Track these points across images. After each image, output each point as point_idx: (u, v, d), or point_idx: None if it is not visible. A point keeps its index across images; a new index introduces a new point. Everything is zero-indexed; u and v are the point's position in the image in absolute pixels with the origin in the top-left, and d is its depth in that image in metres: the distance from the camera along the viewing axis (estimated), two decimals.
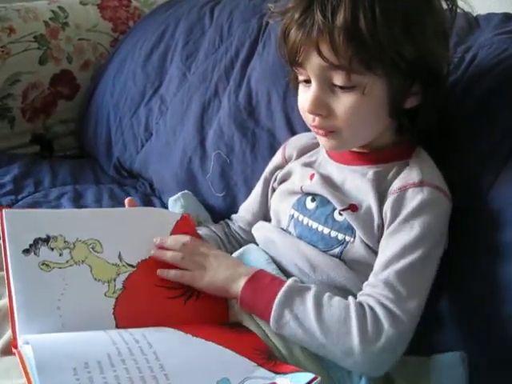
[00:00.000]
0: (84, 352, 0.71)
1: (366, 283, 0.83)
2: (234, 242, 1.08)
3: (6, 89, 1.64)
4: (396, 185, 0.87)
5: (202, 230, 1.07)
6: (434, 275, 0.83)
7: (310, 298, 0.80)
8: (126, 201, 1.05)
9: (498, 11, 1.11)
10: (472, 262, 0.86)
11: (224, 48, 1.42)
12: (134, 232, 0.92)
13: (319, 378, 0.69)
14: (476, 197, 0.88)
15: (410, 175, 0.87)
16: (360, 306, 0.79)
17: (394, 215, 0.85)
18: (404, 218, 0.83)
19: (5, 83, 1.64)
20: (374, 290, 0.81)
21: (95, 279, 0.84)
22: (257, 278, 0.84)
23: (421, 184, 0.85)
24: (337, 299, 0.81)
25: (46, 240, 0.85)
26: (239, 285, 0.84)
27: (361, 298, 0.82)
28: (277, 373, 0.73)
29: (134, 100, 1.56)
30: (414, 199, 0.84)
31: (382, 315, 0.78)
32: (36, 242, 0.84)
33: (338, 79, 0.83)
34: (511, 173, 0.87)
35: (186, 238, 0.93)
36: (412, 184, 0.86)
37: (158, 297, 0.86)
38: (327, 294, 0.81)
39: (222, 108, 1.32)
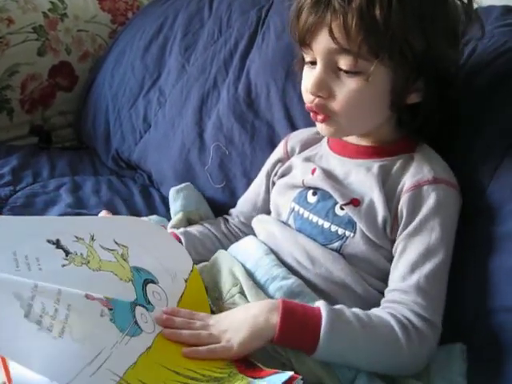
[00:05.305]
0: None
1: (394, 287, 0.83)
2: (233, 238, 1.07)
3: (4, 80, 1.64)
4: (408, 182, 0.87)
5: (194, 228, 1.06)
6: None
7: (354, 326, 0.77)
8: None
9: (498, 4, 1.11)
10: (472, 255, 0.86)
11: (223, 40, 1.42)
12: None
13: (300, 377, 0.69)
14: (476, 190, 0.88)
15: (421, 172, 0.87)
16: (401, 325, 0.78)
17: (412, 214, 0.85)
18: (423, 218, 0.84)
19: (3, 74, 1.63)
20: (406, 298, 0.81)
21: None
22: (288, 317, 0.77)
23: (435, 181, 0.86)
24: (376, 320, 0.79)
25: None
26: (269, 334, 0.77)
27: (393, 306, 0.81)
28: (255, 378, 0.72)
29: (132, 91, 1.55)
30: (429, 197, 0.85)
31: (422, 327, 0.79)
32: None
33: (344, 63, 0.83)
34: (511, 166, 0.87)
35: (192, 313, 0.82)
36: (426, 181, 0.86)
37: None
38: (364, 314, 0.79)
39: (221, 100, 1.32)
